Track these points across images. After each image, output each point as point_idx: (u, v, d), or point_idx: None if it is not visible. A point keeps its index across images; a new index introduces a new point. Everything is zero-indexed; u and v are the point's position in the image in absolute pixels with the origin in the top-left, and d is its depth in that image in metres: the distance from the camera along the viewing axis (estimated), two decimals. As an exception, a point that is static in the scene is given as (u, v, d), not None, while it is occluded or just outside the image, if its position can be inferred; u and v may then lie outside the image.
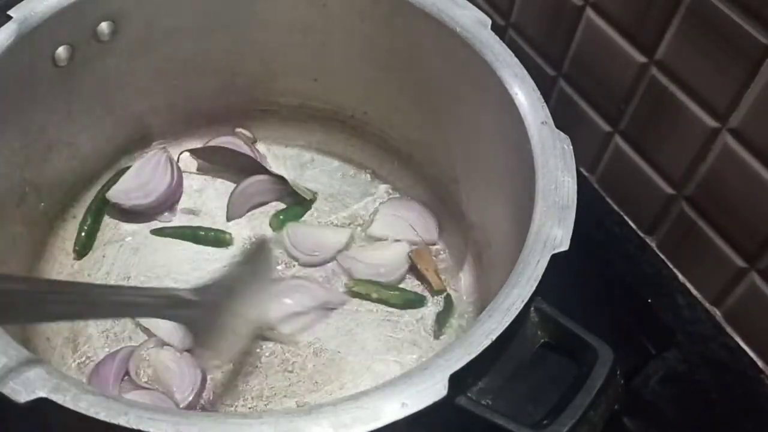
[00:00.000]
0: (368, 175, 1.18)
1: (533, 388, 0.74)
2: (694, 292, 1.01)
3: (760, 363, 0.96)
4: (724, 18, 0.83)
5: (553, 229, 0.77)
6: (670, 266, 1.03)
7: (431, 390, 0.66)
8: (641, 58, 0.95)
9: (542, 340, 0.76)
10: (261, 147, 1.20)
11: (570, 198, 0.80)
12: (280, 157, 1.19)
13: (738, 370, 0.97)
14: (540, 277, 0.73)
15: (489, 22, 0.93)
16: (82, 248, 1.08)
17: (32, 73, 0.93)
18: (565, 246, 0.76)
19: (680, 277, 1.03)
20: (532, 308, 0.75)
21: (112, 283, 1.05)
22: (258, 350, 1.00)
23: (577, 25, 1.01)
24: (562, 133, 0.85)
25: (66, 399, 0.64)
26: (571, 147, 0.84)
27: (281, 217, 1.12)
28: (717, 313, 1.00)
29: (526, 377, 0.74)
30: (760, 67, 0.82)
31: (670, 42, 0.91)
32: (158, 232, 1.10)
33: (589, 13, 0.99)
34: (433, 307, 1.05)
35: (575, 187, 0.81)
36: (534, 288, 0.73)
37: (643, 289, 1.03)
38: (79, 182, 1.10)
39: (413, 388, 0.66)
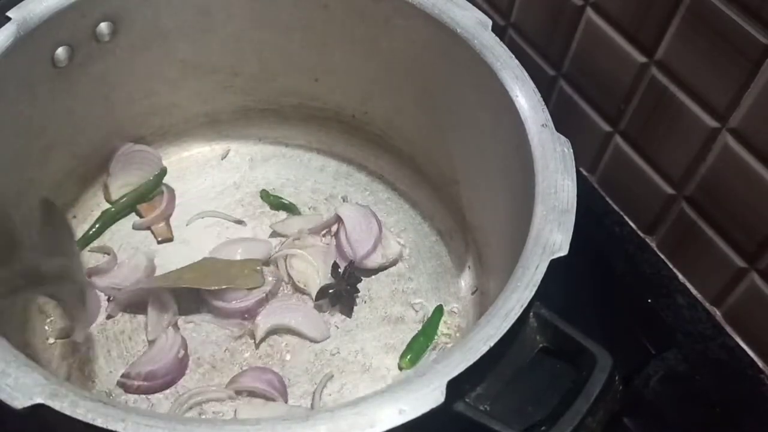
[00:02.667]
0: (369, 176, 1.18)
1: (531, 394, 0.74)
2: (694, 292, 1.01)
3: (760, 363, 0.96)
4: (724, 18, 0.83)
5: (553, 234, 0.77)
6: (670, 266, 1.03)
7: (429, 396, 0.66)
8: (641, 58, 0.95)
9: (541, 345, 0.76)
10: (261, 147, 1.20)
11: (570, 202, 0.80)
12: (281, 156, 1.20)
13: (738, 370, 0.97)
14: (539, 282, 0.73)
15: (489, 23, 0.93)
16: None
17: (32, 74, 0.93)
18: (564, 251, 0.76)
19: (680, 277, 1.03)
20: (531, 313, 0.75)
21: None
22: (258, 351, 1.01)
23: (577, 25, 1.01)
24: (562, 137, 0.84)
25: (63, 405, 0.64)
26: (572, 150, 0.84)
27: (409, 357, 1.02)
28: (717, 313, 1.00)
29: (525, 382, 0.74)
30: (760, 67, 0.82)
31: (670, 42, 0.91)
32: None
33: (589, 13, 0.99)
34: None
35: (575, 190, 0.81)
36: (533, 293, 0.73)
37: (643, 289, 1.03)
38: (79, 182, 1.10)
39: (411, 394, 0.66)
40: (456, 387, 0.67)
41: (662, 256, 1.04)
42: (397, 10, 0.98)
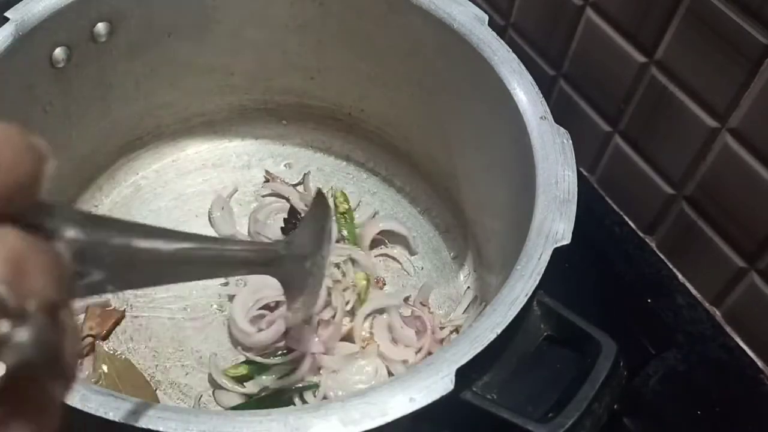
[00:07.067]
0: (366, 173, 1.18)
1: (537, 382, 0.74)
2: (694, 292, 1.01)
3: (760, 363, 0.96)
4: (724, 18, 0.83)
5: (555, 223, 0.77)
6: (670, 266, 1.03)
7: (438, 384, 0.66)
8: (641, 58, 0.95)
9: (545, 334, 0.77)
10: (258, 146, 1.20)
11: (571, 192, 0.80)
12: (278, 155, 1.19)
13: (738, 370, 0.97)
14: (543, 270, 0.73)
15: (486, 18, 0.93)
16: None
17: (30, 75, 0.93)
18: (567, 240, 0.76)
19: (680, 277, 1.03)
20: (535, 301, 0.75)
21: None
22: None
23: (577, 25, 1.01)
24: (561, 128, 0.85)
25: (74, 400, 0.63)
26: (571, 141, 0.84)
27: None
28: (717, 313, 1.00)
29: (530, 371, 0.74)
30: (759, 67, 0.82)
31: (670, 42, 0.91)
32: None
33: (589, 13, 0.99)
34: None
35: (576, 180, 0.81)
36: (537, 281, 0.73)
37: (643, 289, 1.03)
38: (77, 183, 1.10)
39: (421, 382, 0.66)
40: (464, 375, 0.67)
41: (662, 256, 1.04)
42: (392, 7, 0.98)
